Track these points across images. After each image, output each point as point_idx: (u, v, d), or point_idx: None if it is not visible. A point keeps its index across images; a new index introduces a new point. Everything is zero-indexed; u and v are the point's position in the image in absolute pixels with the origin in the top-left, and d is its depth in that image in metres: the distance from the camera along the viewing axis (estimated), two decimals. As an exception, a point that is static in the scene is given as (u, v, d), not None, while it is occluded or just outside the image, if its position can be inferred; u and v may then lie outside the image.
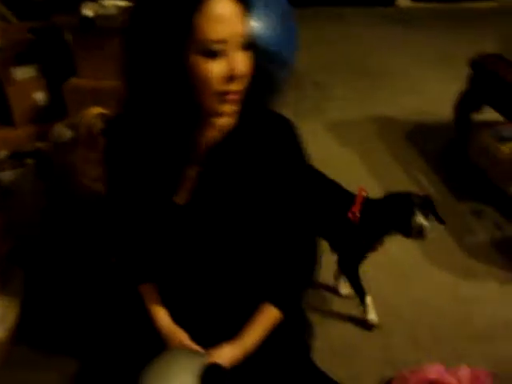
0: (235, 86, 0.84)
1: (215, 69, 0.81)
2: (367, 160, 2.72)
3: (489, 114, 2.46)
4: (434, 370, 1.34)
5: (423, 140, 2.91)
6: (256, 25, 2.49)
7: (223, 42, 0.80)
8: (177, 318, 1.07)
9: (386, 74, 3.82)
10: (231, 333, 1.02)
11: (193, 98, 0.85)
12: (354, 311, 1.78)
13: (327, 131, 3.06)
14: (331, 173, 1.78)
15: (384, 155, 2.80)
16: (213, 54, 0.80)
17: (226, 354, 0.98)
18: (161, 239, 1.01)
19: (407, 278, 1.99)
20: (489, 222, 2.27)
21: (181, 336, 1.03)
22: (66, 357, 1.55)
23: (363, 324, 1.73)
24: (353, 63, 4.05)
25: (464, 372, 1.34)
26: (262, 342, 1.02)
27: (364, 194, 1.62)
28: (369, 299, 1.70)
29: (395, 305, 1.84)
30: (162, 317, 1.06)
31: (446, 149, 2.64)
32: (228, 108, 0.87)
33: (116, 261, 1.57)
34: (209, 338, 1.02)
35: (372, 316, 1.70)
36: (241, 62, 0.83)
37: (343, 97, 3.50)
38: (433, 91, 3.51)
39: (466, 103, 2.36)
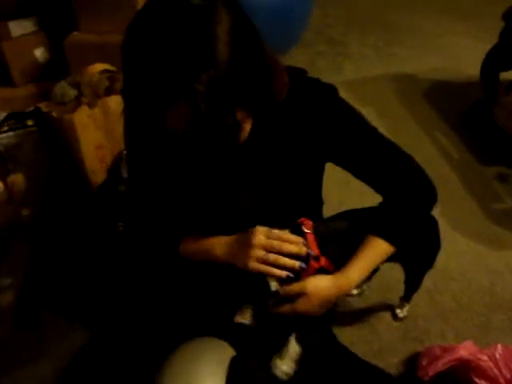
0: None
1: None
2: (385, 120, 2.56)
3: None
4: (466, 349, 1.27)
5: (446, 100, 2.76)
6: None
7: None
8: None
9: (408, 30, 3.61)
10: None
11: None
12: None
13: (343, 89, 2.85)
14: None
15: (404, 115, 2.65)
16: None
17: (325, 283, 0.96)
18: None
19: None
20: (515, 187, 2.16)
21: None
22: (73, 327, 1.51)
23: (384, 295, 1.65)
24: (371, 18, 3.84)
25: (498, 351, 1.27)
26: (369, 272, 1.01)
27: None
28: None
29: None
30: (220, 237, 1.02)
31: (470, 110, 2.49)
32: None
33: (125, 229, 1.51)
34: None
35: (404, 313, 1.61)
36: None
37: (360, 53, 3.32)
38: (458, 48, 3.32)
39: (496, 60, 2.20)
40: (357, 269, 1.00)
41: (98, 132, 1.78)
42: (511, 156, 2.28)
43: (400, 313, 1.58)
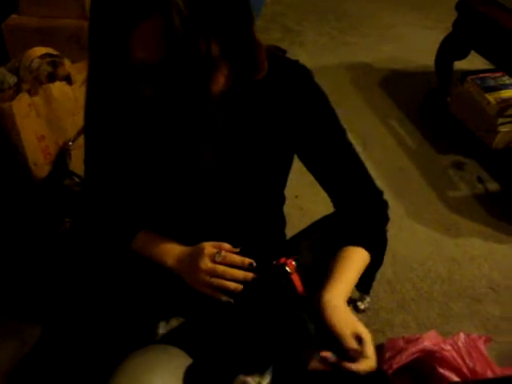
0: None
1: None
2: (342, 109, 2.50)
3: (472, 64, 2.33)
4: (430, 340, 1.25)
5: (401, 89, 2.76)
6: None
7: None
8: None
9: (363, 19, 3.60)
10: None
11: None
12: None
13: (299, 79, 2.86)
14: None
15: (359, 104, 2.64)
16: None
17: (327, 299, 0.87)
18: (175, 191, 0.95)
19: (389, 235, 1.89)
20: (471, 175, 2.18)
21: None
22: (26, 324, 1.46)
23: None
24: (326, 7, 3.80)
25: (461, 339, 1.26)
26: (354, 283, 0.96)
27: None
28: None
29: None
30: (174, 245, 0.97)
31: (425, 99, 2.50)
32: None
33: (72, 225, 1.43)
34: None
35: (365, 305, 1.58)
36: None
37: (315, 42, 3.28)
38: (413, 38, 3.34)
39: (450, 50, 2.21)
40: (346, 281, 0.94)
41: (39, 121, 1.65)
42: (466, 144, 2.31)
43: (361, 305, 1.56)
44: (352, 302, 1.58)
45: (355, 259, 0.96)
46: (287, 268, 0.88)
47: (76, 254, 1.31)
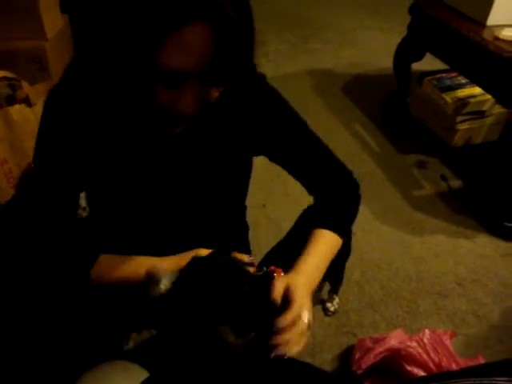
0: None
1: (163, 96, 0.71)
2: (305, 115, 2.53)
3: (431, 65, 2.39)
4: (396, 338, 1.28)
5: (363, 93, 2.82)
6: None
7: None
8: None
9: (323, 26, 3.66)
10: None
11: None
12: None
13: (262, 87, 2.88)
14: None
15: (322, 110, 2.68)
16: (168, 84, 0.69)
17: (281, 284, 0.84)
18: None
19: (355, 237, 1.92)
20: (433, 173, 2.23)
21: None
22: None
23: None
24: (284, 16, 3.85)
25: (426, 336, 1.29)
26: (326, 267, 0.96)
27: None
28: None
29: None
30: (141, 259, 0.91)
31: (386, 101, 2.56)
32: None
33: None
34: None
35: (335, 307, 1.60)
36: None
37: (277, 50, 3.32)
38: (372, 42, 3.41)
39: (407, 52, 2.26)
40: (313, 264, 0.93)
41: (1, 145, 1.65)
42: (428, 143, 2.37)
43: (331, 306, 1.58)
44: (321, 303, 1.60)
45: (321, 242, 0.97)
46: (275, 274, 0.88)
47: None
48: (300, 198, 1.11)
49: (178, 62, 0.65)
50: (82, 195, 1.71)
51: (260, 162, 1.06)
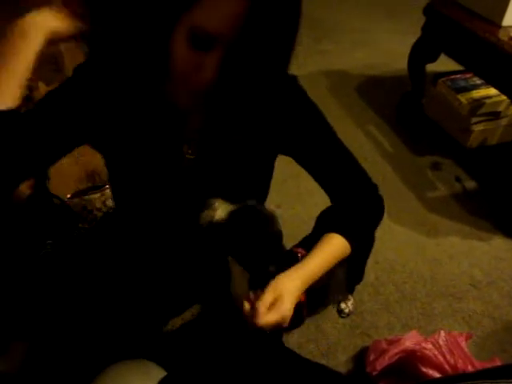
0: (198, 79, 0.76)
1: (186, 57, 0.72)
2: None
3: (446, 65, 2.38)
4: (411, 340, 1.27)
5: (377, 94, 2.81)
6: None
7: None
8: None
9: (335, 27, 3.64)
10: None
11: None
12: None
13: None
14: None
15: (337, 111, 2.67)
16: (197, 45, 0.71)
17: (284, 283, 0.89)
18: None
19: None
20: (448, 175, 2.22)
21: None
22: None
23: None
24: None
25: (442, 337, 1.28)
26: (327, 268, 0.97)
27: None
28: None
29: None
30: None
31: (401, 102, 2.55)
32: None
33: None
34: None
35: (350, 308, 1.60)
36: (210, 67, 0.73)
37: (290, 52, 3.32)
38: (386, 43, 3.39)
39: (421, 53, 2.25)
40: (315, 262, 0.96)
41: None
42: (442, 145, 2.35)
43: (345, 308, 1.58)
44: (336, 304, 1.60)
45: (326, 246, 0.99)
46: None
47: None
48: (313, 199, 1.11)
49: (211, 24, 0.67)
50: (98, 197, 1.73)
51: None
